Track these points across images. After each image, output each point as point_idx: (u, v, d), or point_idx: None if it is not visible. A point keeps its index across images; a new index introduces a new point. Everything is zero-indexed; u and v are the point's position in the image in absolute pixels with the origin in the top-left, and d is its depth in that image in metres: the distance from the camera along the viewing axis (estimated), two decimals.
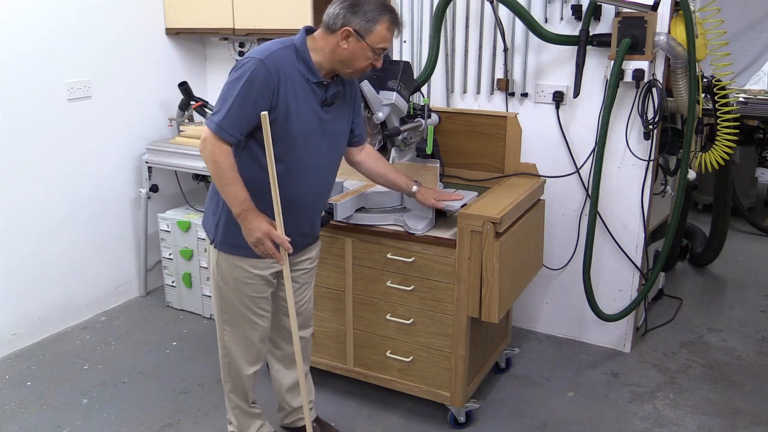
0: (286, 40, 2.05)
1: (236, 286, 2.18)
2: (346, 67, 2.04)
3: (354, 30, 1.97)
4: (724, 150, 3.12)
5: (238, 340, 2.27)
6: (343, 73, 2.08)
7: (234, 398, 2.38)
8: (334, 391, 2.89)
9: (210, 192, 2.21)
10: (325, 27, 2.02)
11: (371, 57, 2.03)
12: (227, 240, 2.14)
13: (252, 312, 2.23)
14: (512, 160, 2.82)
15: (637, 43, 2.72)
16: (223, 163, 1.96)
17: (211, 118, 1.99)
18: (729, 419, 2.72)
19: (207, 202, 2.24)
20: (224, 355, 2.32)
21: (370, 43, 1.99)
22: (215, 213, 2.16)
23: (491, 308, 2.37)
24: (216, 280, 2.21)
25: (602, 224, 3.11)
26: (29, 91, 3.16)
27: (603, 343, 3.28)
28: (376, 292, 2.61)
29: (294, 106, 2.00)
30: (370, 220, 2.55)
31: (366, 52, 2.01)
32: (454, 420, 2.64)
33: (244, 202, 1.99)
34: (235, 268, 2.16)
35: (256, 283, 2.19)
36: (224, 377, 2.37)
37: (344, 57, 2.01)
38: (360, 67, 2.04)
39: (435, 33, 2.86)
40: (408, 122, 2.66)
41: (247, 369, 2.32)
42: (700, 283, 4.09)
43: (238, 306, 2.22)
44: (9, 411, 2.80)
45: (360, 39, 1.98)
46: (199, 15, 3.61)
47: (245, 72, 1.94)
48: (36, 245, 3.29)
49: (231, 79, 1.97)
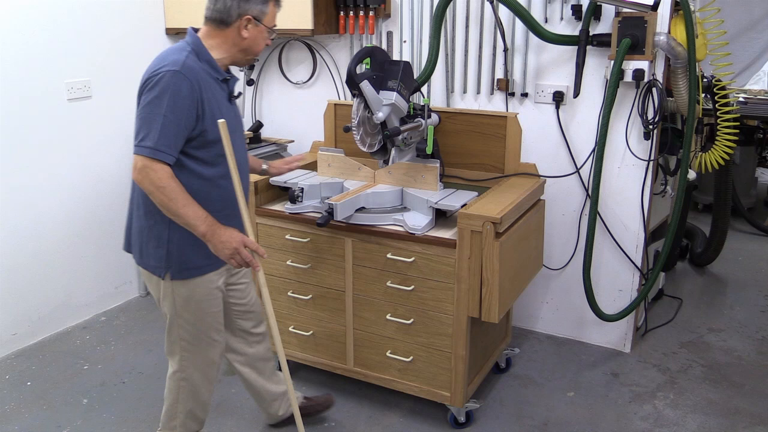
0: (178, 46, 2.02)
1: (198, 307, 2.14)
2: (248, 54, 2.10)
3: (253, 16, 2.03)
4: (724, 150, 3.12)
5: (198, 365, 2.22)
6: (243, 61, 2.13)
7: (187, 421, 2.30)
8: (334, 391, 2.89)
9: (139, 227, 2.09)
10: (216, 23, 2.04)
11: (267, 38, 2.11)
12: (184, 265, 2.07)
13: (213, 330, 2.20)
14: (512, 160, 2.82)
15: (637, 43, 2.72)
16: (171, 186, 1.89)
17: (141, 144, 1.88)
18: (729, 419, 2.72)
19: (140, 238, 2.09)
20: (180, 380, 2.22)
21: (267, 24, 2.08)
22: (159, 245, 2.05)
23: (491, 308, 2.37)
24: (173, 312, 2.13)
25: (602, 224, 3.11)
26: (29, 91, 3.16)
27: (603, 343, 3.28)
28: (376, 292, 2.61)
29: (216, 109, 2.01)
30: (370, 220, 2.55)
31: (264, 34, 2.09)
32: (454, 420, 2.65)
33: (206, 218, 1.96)
34: (195, 290, 2.11)
35: (215, 298, 2.17)
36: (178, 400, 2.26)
37: (246, 45, 2.07)
38: (260, 50, 2.12)
39: (435, 33, 2.86)
40: (408, 122, 2.66)
41: (208, 389, 2.29)
42: (700, 283, 4.09)
43: (200, 329, 2.17)
44: (9, 411, 2.80)
45: (258, 23, 2.05)
46: (199, 15, 3.53)
47: (166, 87, 1.88)
48: (36, 245, 3.29)
49: (150, 98, 1.89)
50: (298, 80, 3.75)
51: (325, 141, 3.20)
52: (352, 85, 2.53)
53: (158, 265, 2.07)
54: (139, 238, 2.11)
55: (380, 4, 3.30)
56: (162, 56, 2.00)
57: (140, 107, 1.93)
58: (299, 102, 3.77)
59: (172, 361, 2.24)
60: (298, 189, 2.68)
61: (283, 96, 3.83)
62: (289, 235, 2.71)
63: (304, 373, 3.00)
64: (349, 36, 3.50)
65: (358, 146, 2.62)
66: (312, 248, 2.68)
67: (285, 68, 3.78)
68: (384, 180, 2.74)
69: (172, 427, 2.31)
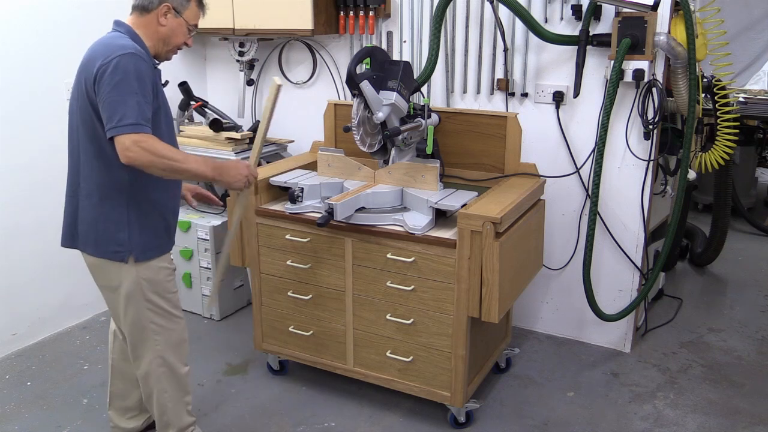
0: (113, 35, 2.06)
1: (162, 287, 2.18)
2: (166, 45, 2.13)
3: (172, 6, 2.08)
4: (724, 150, 3.12)
5: (172, 342, 2.24)
6: (163, 53, 2.15)
7: (174, 407, 2.29)
8: (334, 391, 2.89)
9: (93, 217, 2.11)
10: (139, 9, 2.09)
11: (187, 34, 2.14)
12: (147, 246, 2.12)
13: (176, 307, 2.25)
14: (512, 160, 2.82)
15: (637, 43, 2.72)
16: (167, 148, 1.94)
17: (120, 125, 1.89)
18: (729, 419, 2.72)
19: (95, 228, 2.11)
20: (159, 366, 2.23)
21: (187, 19, 2.12)
22: (121, 228, 2.08)
23: (491, 308, 2.37)
24: (140, 298, 2.15)
25: (602, 224, 3.11)
26: (29, 91, 3.16)
27: (603, 343, 3.28)
28: (376, 292, 2.61)
29: (162, 92, 2.09)
30: (370, 220, 2.55)
31: (183, 28, 2.12)
32: (454, 420, 2.64)
33: (207, 160, 2.06)
34: (159, 271, 2.17)
35: (173, 277, 2.24)
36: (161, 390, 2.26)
37: (164, 34, 2.10)
38: (178, 43, 2.14)
39: (435, 33, 2.86)
40: (408, 122, 2.66)
41: (183, 368, 2.30)
42: (700, 283, 4.09)
43: (165, 309, 2.20)
44: (9, 411, 2.80)
45: (177, 15, 2.09)
46: None
47: (128, 69, 1.93)
48: (36, 245, 3.29)
49: (116, 81, 1.91)
50: (298, 80, 3.75)
51: (325, 141, 3.20)
52: (352, 85, 2.53)
53: (120, 250, 2.10)
54: (93, 228, 2.12)
55: (380, 4, 3.30)
56: (104, 44, 2.01)
57: (105, 93, 1.92)
58: (299, 102, 3.77)
59: (142, 355, 2.22)
60: (298, 189, 2.69)
61: (283, 96, 3.81)
62: (289, 235, 2.71)
63: (304, 373, 3.00)
64: (349, 36, 3.50)
65: (358, 146, 2.62)
66: (312, 248, 2.68)
67: (285, 68, 3.78)
68: (384, 180, 2.74)
69: (165, 424, 2.31)
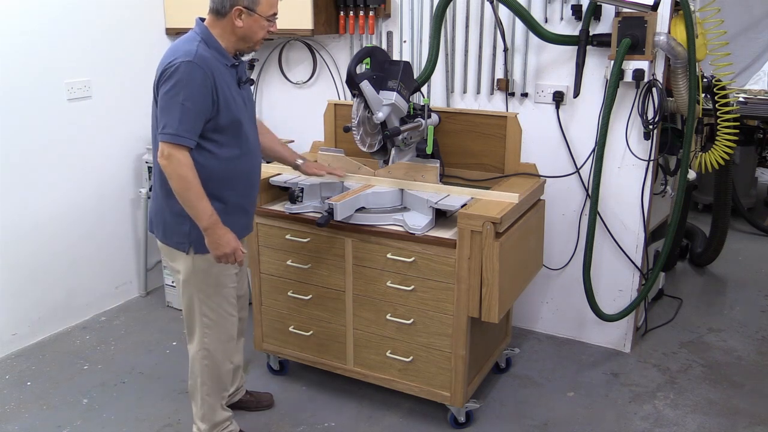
0: (189, 36, 2.14)
1: (217, 281, 2.26)
2: (247, 42, 2.19)
3: (244, 7, 2.11)
4: (724, 150, 3.12)
5: (220, 338, 2.34)
6: (246, 49, 2.22)
7: (210, 400, 2.39)
8: (334, 391, 2.89)
9: (161, 207, 2.23)
10: (214, 13, 2.14)
11: (266, 25, 2.18)
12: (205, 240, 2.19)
13: (230, 305, 2.33)
14: (512, 160, 2.82)
15: (637, 43, 2.72)
16: (191, 176, 2.05)
17: (163, 132, 2.03)
18: (729, 419, 2.72)
19: (162, 218, 2.24)
20: (203, 357, 2.34)
21: (262, 14, 2.14)
22: (180, 221, 2.18)
23: (491, 308, 2.37)
24: (193, 288, 2.26)
25: (602, 224, 3.11)
26: (29, 91, 3.16)
27: (603, 343, 3.28)
28: (376, 292, 2.61)
29: (229, 95, 2.13)
30: (370, 220, 2.55)
31: (261, 22, 2.16)
32: (454, 420, 2.64)
33: (212, 215, 2.09)
34: (215, 265, 2.22)
35: (231, 273, 2.29)
36: (201, 382, 2.37)
37: (242, 34, 2.16)
38: (259, 38, 2.20)
39: (435, 33, 2.86)
40: (408, 122, 2.66)
41: (227, 365, 2.40)
42: (700, 283, 4.09)
43: (220, 304, 2.29)
44: (9, 411, 2.80)
45: (252, 13, 2.12)
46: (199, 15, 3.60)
47: (182, 77, 2.01)
48: (36, 245, 3.29)
49: (167, 88, 2.03)
50: (298, 80, 3.75)
51: (325, 141, 3.20)
52: (352, 85, 2.53)
53: (181, 241, 2.22)
54: (161, 218, 2.25)
55: (380, 4, 3.30)
56: (174, 48, 2.10)
57: (160, 97, 2.05)
58: (299, 102, 3.77)
59: (192, 340, 2.33)
60: (298, 189, 2.69)
61: (283, 96, 3.83)
62: (289, 235, 2.71)
63: (304, 373, 3.00)
64: (349, 36, 3.50)
65: (358, 146, 2.62)
66: (312, 248, 2.68)
67: (285, 68, 3.78)
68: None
69: (200, 417, 2.40)
